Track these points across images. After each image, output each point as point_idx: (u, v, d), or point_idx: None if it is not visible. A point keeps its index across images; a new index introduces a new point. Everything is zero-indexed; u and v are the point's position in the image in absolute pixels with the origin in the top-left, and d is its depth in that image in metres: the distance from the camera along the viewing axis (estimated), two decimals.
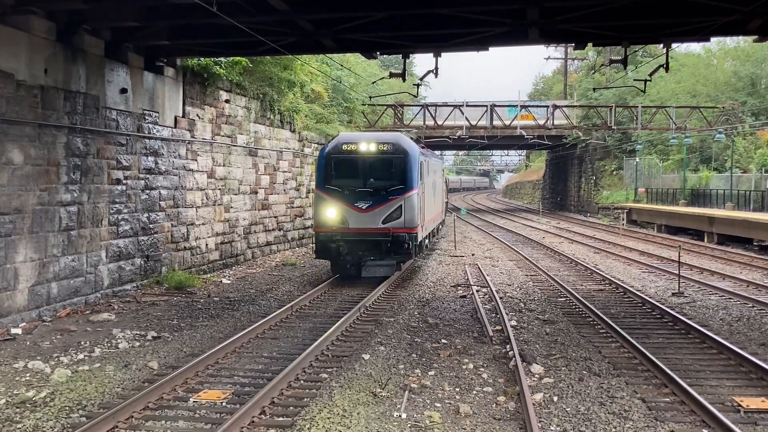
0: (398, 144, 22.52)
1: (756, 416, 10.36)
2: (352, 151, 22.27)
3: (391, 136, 24.02)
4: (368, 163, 22.20)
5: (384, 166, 22.23)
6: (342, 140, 22.90)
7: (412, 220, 21.80)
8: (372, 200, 21.69)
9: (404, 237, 21.48)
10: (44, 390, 11.16)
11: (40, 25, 16.40)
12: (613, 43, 20.43)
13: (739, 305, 19.55)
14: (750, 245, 35.02)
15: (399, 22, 18.28)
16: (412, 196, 21.88)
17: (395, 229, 21.48)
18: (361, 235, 21.59)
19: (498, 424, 10.10)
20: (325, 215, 21.90)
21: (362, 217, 21.67)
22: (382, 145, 22.27)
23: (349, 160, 22.24)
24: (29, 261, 16.12)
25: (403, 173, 21.99)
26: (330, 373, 12.22)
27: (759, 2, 16.11)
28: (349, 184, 21.93)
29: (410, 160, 22.19)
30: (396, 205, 21.63)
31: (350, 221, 21.69)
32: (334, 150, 22.55)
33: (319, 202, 22.34)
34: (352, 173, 22.17)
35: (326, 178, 22.25)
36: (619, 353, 14.03)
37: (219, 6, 13.97)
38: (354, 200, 21.75)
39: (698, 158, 59.73)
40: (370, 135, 25.26)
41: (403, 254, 22.24)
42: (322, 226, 22.08)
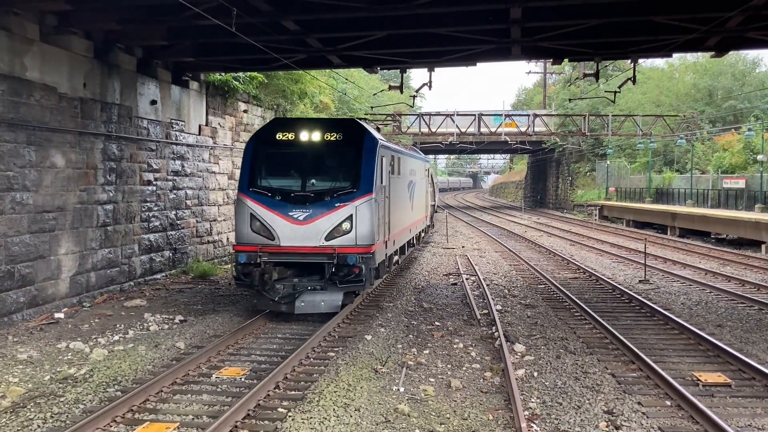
0: (351, 132, 15.47)
1: (713, 389, 10.38)
2: (289, 141, 15.22)
3: (342, 122, 16.95)
4: (310, 157, 15.16)
5: (331, 161, 15.38)
6: (275, 126, 15.80)
7: (367, 235, 14.66)
8: (312, 208, 14.52)
9: (355, 259, 14.28)
10: (84, 367, 11.17)
11: (80, 43, 16.38)
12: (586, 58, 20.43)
13: (698, 291, 19.55)
14: (708, 238, 35.05)
15: (397, 41, 18.29)
16: (367, 203, 14.67)
17: (343, 248, 14.35)
18: (295, 256, 14.52)
19: (485, 396, 10.11)
20: (248, 228, 14.74)
21: (298, 230, 14.45)
22: (329, 134, 15.19)
23: (284, 154, 15.33)
24: (70, 253, 16.11)
25: (357, 171, 14.92)
26: (336, 352, 12.22)
27: (716, 22, 16.13)
28: (283, 185, 14.99)
29: (367, 154, 15.11)
30: (344, 214, 14.50)
31: (282, 237, 14.45)
32: (264, 139, 15.53)
33: (240, 210, 15.00)
34: (287, 171, 15.30)
35: (252, 178, 15.18)
36: (592, 334, 14.03)
37: (238, 27, 13.97)
38: (288, 208, 14.58)
39: (662, 161, 59.82)
40: (315, 120, 17.79)
41: (354, 282, 14.54)
42: (243, 243, 14.75)
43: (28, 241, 14.68)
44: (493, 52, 19.30)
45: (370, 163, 15.09)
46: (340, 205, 14.58)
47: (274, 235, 14.54)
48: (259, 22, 15.43)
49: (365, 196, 14.73)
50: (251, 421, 8.92)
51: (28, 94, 14.58)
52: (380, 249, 15.88)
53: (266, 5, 14.68)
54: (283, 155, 15.35)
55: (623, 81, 24.65)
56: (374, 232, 14.88)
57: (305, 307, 14.38)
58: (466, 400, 9.89)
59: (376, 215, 14.98)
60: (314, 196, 14.70)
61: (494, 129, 56.36)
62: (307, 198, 14.70)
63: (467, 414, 9.30)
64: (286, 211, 14.58)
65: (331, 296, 14.52)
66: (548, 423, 8.92)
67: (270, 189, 14.91)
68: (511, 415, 9.16)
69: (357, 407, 9.33)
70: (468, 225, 48.76)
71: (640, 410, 9.41)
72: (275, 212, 14.62)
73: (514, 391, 9.70)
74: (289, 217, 14.54)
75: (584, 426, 8.81)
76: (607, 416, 9.15)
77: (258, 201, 14.80)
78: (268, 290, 14.32)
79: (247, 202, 14.90)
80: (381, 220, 15.74)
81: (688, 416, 9.17)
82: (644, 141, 55.03)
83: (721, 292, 19.16)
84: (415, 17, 16.11)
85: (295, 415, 9.01)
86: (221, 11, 13.64)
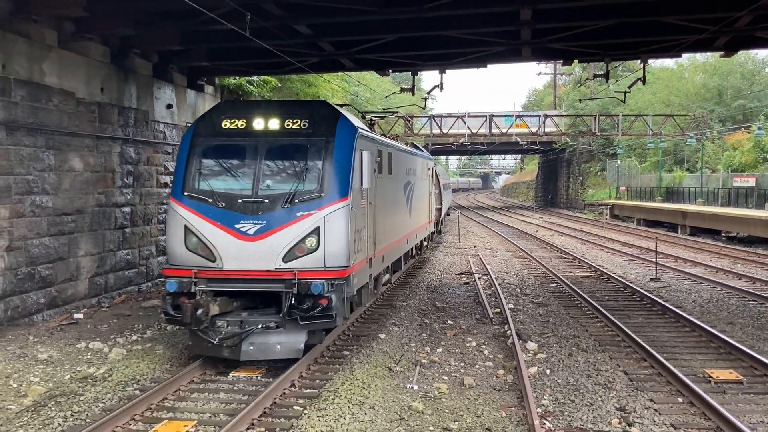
0: (320, 119, 11.54)
1: (724, 386, 10.31)
2: (238, 130, 11.51)
3: (309, 105, 12.70)
4: (265, 151, 11.27)
5: (293, 156, 11.28)
6: (222, 111, 11.95)
7: (339, 254, 10.87)
8: (266, 219, 10.75)
9: (321, 287, 10.48)
10: (103, 367, 11.22)
11: (97, 49, 16.47)
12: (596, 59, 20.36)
13: (709, 289, 19.44)
14: (718, 236, 34.82)
15: (408, 44, 18.28)
16: (340, 211, 10.90)
17: (306, 272, 10.62)
18: (243, 284, 10.81)
19: (498, 394, 10.08)
20: (181, 246, 10.98)
21: (247, 249, 10.70)
22: (291, 120, 11.42)
23: (232, 147, 11.43)
24: (89, 255, 16.20)
25: (326, 169, 11.06)
26: (351, 351, 12.22)
27: (725, 22, 16.04)
28: (228, 189, 11.09)
29: (340, 147, 11.24)
30: (309, 226, 10.72)
31: (225, 257, 10.74)
32: (206, 128, 11.68)
33: (171, 221, 11.26)
34: (235, 170, 11.29)
35: (188, 180, 11.29)
36: (604, 331, 13.98)
37: (251, 31, 13.99)
38: (234, 219, 10.80)
39: (672, 160, 59.49)
40: (273, 103, 13.66)
41: (320, 318, 10.64)
42: (175, 265, 11.08)
43: (48, 243, 14.77)
44: (504, 54, 19.26)
45: (345, 159, 11.23)
46: (304, 214, 10.71)
47: (214, 254, 10.74)
48: (272, 26, 15.45)
49: (337, 202, 10.89)
50: (268, 419, 8.93)
51: (46, 99, 14.67)
52: (361, 270, 12.06)
53: (279, 9, 14.71)
54: (229, 149, 11.37)
55: (633, 81, 24.56)
56: (350, 250, 11.00)
57: (254, 352, 10.61)
58: (480, 398, 9.87)
59: (352, 227, 11.14)
60: (269, 203, 10.77)
61: (505, 130, 56.29)
62: (260, 205, 10.78)
63: (480, 411, 9.28)
64: (232, 223, 10.72)
65: (290, 337, 10.64)
66: (561, 420, 8.89)
67: (211, 194, 10.96)
68: (524, 413, 9.13)
69: (371, 405, 9.33)
70: (480, 225, 48.67)
71: (652, 407, 9.36)
72: (217, 224, 10.76)
73: (526, 389, 9.67)
74: (236, 231, 10.69)
75: (597, 423, 8.78)
76: (619, 413, 9.11)
77: (195, 209, 10.93)
78: (206, 329, 10.51)
79: (179, 210, 11.02)
80: (362, 233, 12.08)
81: (700, 413, 9.11)
82: (654, 140, 54.78)
83: (732, 289, 19.04)
84: (425, 20, 16.09)
85: (310, 412, 9.02)
86: (235, 16, 13.68)
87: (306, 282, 10.49)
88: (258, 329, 10.65)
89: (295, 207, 10.78)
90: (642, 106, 62.22)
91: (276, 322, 10.68)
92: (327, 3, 14.45)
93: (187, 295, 10.72)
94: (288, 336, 10.66)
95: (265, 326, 10.66)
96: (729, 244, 32.03)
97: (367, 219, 12.58)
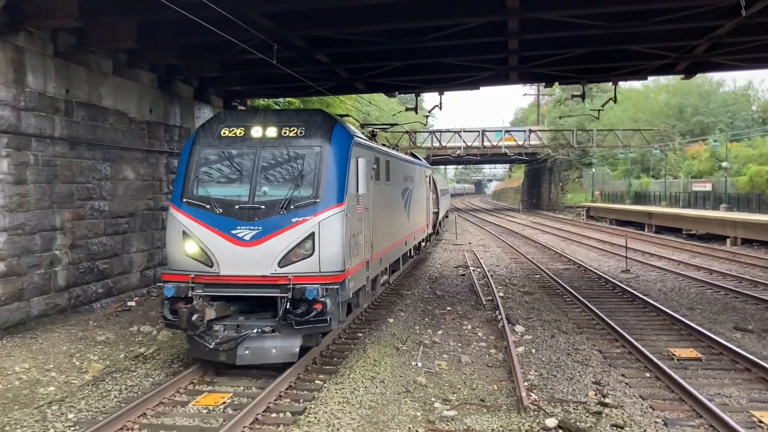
0: (316, 127, 10.36)
1: (686, 363, 10.26)
2: (236, 138, 10.41)
3: (305, 114, 10.99)
4: (262, 158, 10.18)
5: (289, 163, 10.15)
6: (220, 120, 10.74)
7: (334, 259, 9.80)
8: (262, 225, 9.70)
9: (316, 292, 9.39)
10: (152, 347, 11.26)
11: (146, 76, 16.54)
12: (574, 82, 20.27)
13: (672, 279, 19.35)
14: (680, 233, 34.67)
15: (411, 69, 18.28)
16: (335, 217, 9.82)
17: (301, 278, 9.51)
18: (239, 288, 9.71)
19: (490, 370, 10.07)
20: (179, 251, 9.97)
21: (244, 254, 9.65)
22: (288, 128, 10.33)
23: (229, 155, 10.29)
24: (140, 251, 16.26)
25: (322, 176, 9.99)
26: (364, 333, 12.22)
27: (685, 49, 16.02)
28: (225, 195, 10.02)
29: (336, 154, 10.16)
30: (304, 232, 9.66)
31: (222, 262, 9.69)
32: (206, 136, 10.54)
33: (170, 227, 10.25)
34: (233, 176, 10.22)
35: (187, 186, 10.24)
36: (582, 316, 13.93)
37: (278, 60, 14.03)
38: (230, 225, 9.77)
39: (640, 168, 59.29)
40: (270, 112, 11.64)
41: (315, 323, 9.53)
42: (173, 270, 10.01)
43: (105, 242, 14.83)
44: (494, 78, 19.24)
45: (340, 166, 10.11)
46: (299, 219, 9.58)
47: (212, 260, 9.64)
48: (295, 55, 15.49)
49: (332, 208, 9.74)
50: (293, 392, 8.94)
51: (103, 119, 14.74)
52: (357, 273, 10.87)
53: (301, 41, 14.75)
54: (227, 156, 10.22)
55: (606, 101, 24.52)
56: (345, 255, 9.85)
57: (250, 356, 9.39)
58: (475, 373, 9.85)
59: (348, 232, 9.98)
60: (266, 209, 9.65)
61: (496, 143, 56.31)
62: (257, 211, 9.66)
63: (475, 385, 9.27)
64: (229, 229, 9.65)
65: (286, 341, 9.42)
66: (545, 392, 8.87)
67: (208, 200, 9.87)
68: (513, 386, 9.11)
69: (382, 379, 9.33)
70: (474, 225, 48.58)
71: (623, 381, 9.33)
72: (214, 230, 9.70)
73: (515, 366, 9.65)
74: (232, 237, 9.61)
75: (576, 395, 8.75)
76: (595, 386, 9.08)
77: (192, 215, 9.87)
78: (203, 334, 9.36)
79: (178, 216, 10.00)
80: (358, 237, 10.89)
81: (665, 386, 9.07)
82: (624, 152, 54.70)
83: (692, 279, 18.94)
84: (427, 49, 16.11)
85: (330, 386, 9.03)
86: (264, 47, 13.72)
87: (301, 287, 9.31)
88: (254, 334, 9.41)
89: (291, 213, 9.64)
90: (613, 122, 62.00)
91: (272, 326, 9.46)
92: (343, 36, 14.48)
93: (184, 299, 9.53)
94: (283, 340, 9.44)
95: (261, 331, 9.44)
96: (689, 240, 31.88)
97: (364, 224, 11.42)
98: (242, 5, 11.88)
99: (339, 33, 14.29)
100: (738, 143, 49.28)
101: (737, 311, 14.38)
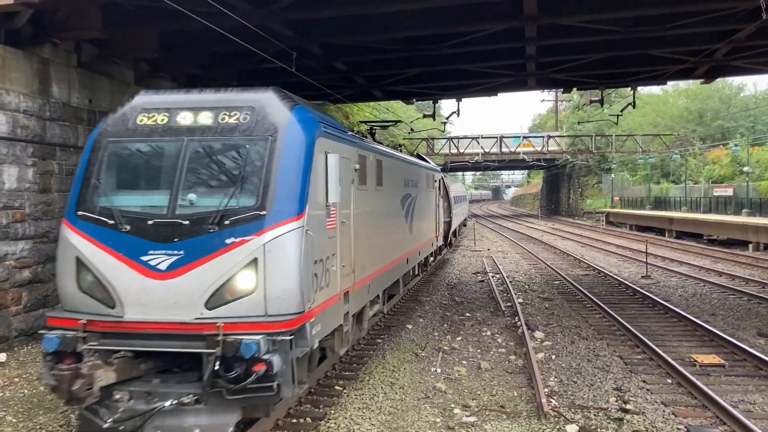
0: (265, 110, 7.20)
1: (708, 369, 10.14)
2: (157, 126, 7.21)
3: (251, 95, 7.48)
4: (189, 154, 6.92)
5: (225, 160, 6.94)
6: (139, 105, 7.48)
7: (287, 297, 6.54)
8: (184, 248, 6.49)
9: (254, 347, 6.06)
10: None
11: (167, 85, 16.65)
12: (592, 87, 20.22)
13: (693, 285, 19.13)
14: (701, 239, 34.29)
15: (429, 77, 18.32)
16: (288, 236, 6.59)
17: (237, 325, 6.26)
18: (150, 340, 6.40)
19: (510, 376, 10.02)
20: (72, 284, 6.72)
21: (157, 290, 6.44)
22: (227, 113, 7.15)
23: (146, 150, 7.14)
24: None
25: (269, 178, 6.72)
26: (383, 339, 12.23)
27: (705, 53, 15.90)
28: (136, 206, 6.80)
29: (291, 148, 6.96)
30: (244, 258, 6.44)
31: (127, 301, 6.50)
32: (117, 126, 7.36)
33: (62, 251, 6.86)
34: (147, 181, 7.01)
35: (85, 195, 6.99)
36: (602, 322, 13.82)
37: (297, 68, 14.16)
38: (140, 248, 6.54)
39: (659, 173, 58.82)
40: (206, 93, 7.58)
41: (258, 391, 6.20)
42: (62, 314, 6.70)
43: None
44: (512, 84, 19.23)
45: (300, 164, 7.01)
46: (237, 241, 6.52)
47: (113, 298, 6.59)
48: (314, 64, 15.61)
49: (284, 223, 6.66)
50: (313, 397, 8.96)
51: None
52: (327, 313, 7.71)
53: (320, 50, 14.86)
54: (142, 152, 7.19)
55: (624, 106, 24.39)
56: (304, 289, 6.73)
57: None
58: (494, 380, 9.81)
59: (309, 256, 6.89)
60: (190, 226, 6.60)
61: (514, 149, 56.20)
62: (178, 229, 6.60)
63: (495, 391, 9.23)
64: (138, 254, 6.58)
65: (214, 417, 6.38)
66: (565, 399, 8.81)
67: (112, 213, 6.76)
68: (532, 392, 9.06)
69: (401, 385, 9.33)
70: (492, 231, 48.42)
71: (644, 387, 9.24)
72: (117, 255, 6.61)
73: (535, 372, 9.60)
74: (142, 265, 6.54)
75: (596, 401, 8.68)
76: (616, 392, 9.00)
77: (90, 235, 6.77)
78: (96, 405, 6.36)
79: (71, 236, 6.85)
80: (329, 262, 7.81)
81: (687, 392, 8.97)
82: (644, 157, 54.27)
83: (714, 285, 18.72)
84: (444, 56, 16.14)
85: (349, 391, 9.04)
86: (283, 55, 13.85)
87: (235, 339, 6.16)
88: (168, 407, 6.27)
89: (226, 231, 6.51)
90: (632, 127, 61.62)
91: (195, 394, 6.33)
92: (361, 44, 14.57)
93: (73, 355, 6.39)
94: (211, 416, 6.35)
95: (179, 402, 6.29)
96: (710, 246, 31.51)
97: (341, 242, 8.30)
98: (263, 15, 12.01)
99: (357, 41, 14.39)
100: (759, 147, 48.69)
101: (760, 317, 14.18)
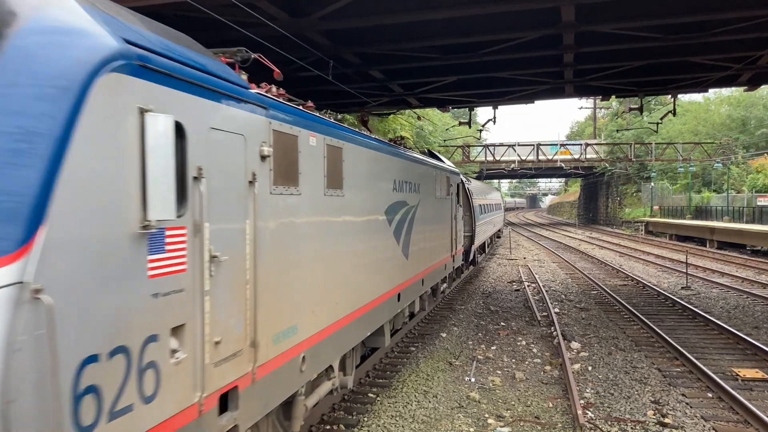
0: None
1: (751, 384, 9.88)
2: None
3: None
4: None
5: None
6: None
7: None
8: None
9: None
10: None
11: None
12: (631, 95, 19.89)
13: (735, 296, 18.66)
14: (743, 250, 33.44)
15: (465, 84, 18.24)
16: None
17: None
18: None
19: (545, 387, 9.90)
20: None
21: None
22: None
23: None
24: None
25: None
26: (417, 347, 12.20)
27: (748, 60, 15.52)
28: None
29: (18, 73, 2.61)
30: None
31: None
32: None
33: None
34: None
35: None
36: (640, 333, 13.57)
37: (333, 76, 14.24)
38: None
39: (701, 182, 57.67)
40: None
41: None
42: None
43: None
44: (549, 92, 19.03)
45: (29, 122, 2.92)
46: None
47: None
48: (351, 72, 15.68)
49: None
50: (346, 404, 8.98)
51: None
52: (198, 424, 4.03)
53: (356, 58, 14.92)
54: None
55: (665, 113, 23.92)
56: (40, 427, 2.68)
57: None
58: (529, 390, 9.71)
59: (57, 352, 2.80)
60: None
61: (551, 156, 55.60)
62: None
63: (530, 402, 9.13)
64: None
65: None
66: (601, 411, 8.67)
67: None
68: (568, 404, 8.94)
69: (435, 394, 9.29)
70: (528, 239, 47.97)
71: (684, 401, 9.04)
72: None
73: (571, 383, 9.47)
74: None
75: (634, 414, 8.52)
76: (654, 406, 8.83)
77: None
78: None
79: None
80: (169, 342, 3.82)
81: (728, 407, 8.75)
82: (684, 165, 53.17)
83: (757, 297, 18.22)
84: (481, 64, 16.05)
85: (382, 399, 9.03)
86: (320, 64, 13.94)
87: None
88: None
89: None
90: (673, 135, 60.53)
91: None
92: (397, 52, 14.59)
93: None
94: None
95: None
96: (753, 257, 30.69)
97: (213, 299, 4.35)
98: (301, 24, 12.13)
99: (393, 50, 14.40)
100: None
101: None
